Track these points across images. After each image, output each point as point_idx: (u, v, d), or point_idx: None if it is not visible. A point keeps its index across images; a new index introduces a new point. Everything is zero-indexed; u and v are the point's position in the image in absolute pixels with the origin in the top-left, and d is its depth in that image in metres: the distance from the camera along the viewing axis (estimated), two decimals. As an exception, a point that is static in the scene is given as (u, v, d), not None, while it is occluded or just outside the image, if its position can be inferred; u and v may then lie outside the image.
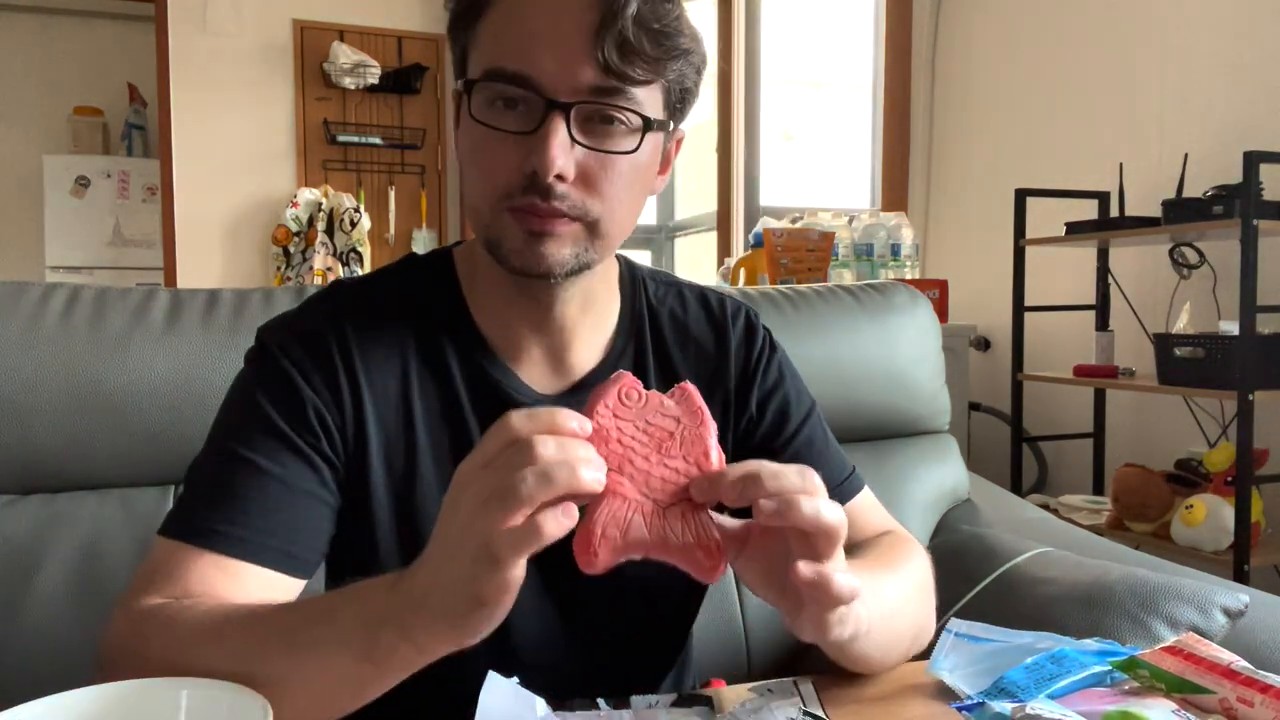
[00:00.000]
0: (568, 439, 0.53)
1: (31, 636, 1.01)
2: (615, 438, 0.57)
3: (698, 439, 0.58)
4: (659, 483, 0.56)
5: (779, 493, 0.55)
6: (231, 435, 0.73)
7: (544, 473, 0.51)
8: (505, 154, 0.69)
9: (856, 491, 0.88)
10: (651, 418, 0.58)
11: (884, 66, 3.62)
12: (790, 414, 0.87)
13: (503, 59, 0.68)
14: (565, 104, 0.67)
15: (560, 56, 0.67)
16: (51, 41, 5.25)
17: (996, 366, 3.10)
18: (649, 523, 0.55)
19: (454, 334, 0.79)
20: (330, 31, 4.20)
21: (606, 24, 0.66)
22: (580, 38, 0.66)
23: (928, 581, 0.80)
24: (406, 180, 4.35)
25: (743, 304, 0.90)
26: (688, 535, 0.56)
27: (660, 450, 0.57)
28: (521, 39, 0.68)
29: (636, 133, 0.70)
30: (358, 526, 0.76)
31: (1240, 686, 0.62)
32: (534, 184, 0.68)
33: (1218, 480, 2.21)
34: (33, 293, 1.08)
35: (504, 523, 0.51)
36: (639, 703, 0.68)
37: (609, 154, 0.69)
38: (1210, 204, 2.16)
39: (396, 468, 0.76)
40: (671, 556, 0.56)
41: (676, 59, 0.70)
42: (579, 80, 0.67)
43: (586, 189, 0.69)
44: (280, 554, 0.70)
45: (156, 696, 0.51)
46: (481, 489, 0.52)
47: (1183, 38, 2.57)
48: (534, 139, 0.67)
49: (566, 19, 0.67)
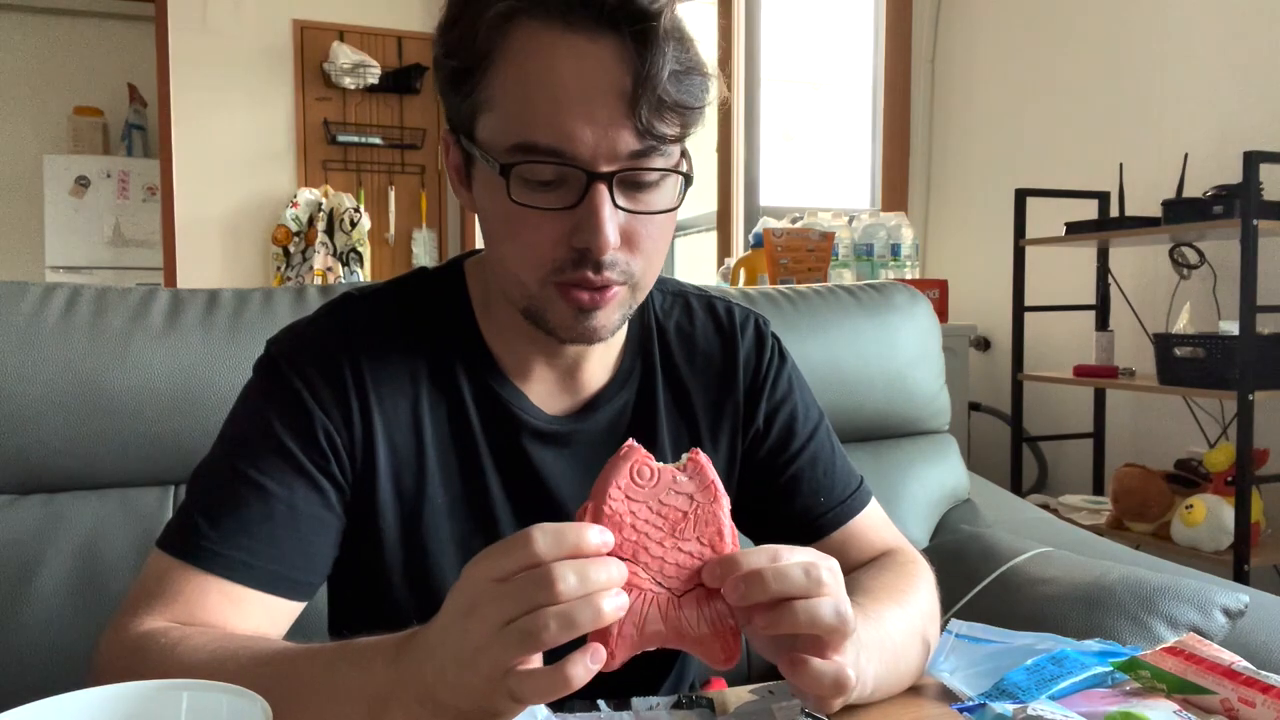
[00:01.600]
0: (590, 566, 0.51)
1: (31, 636, 1.01)
2: (629, 523, 0.56)
3: (711, 518, 0.57)
4: (673, 569, 0.56)
5: (780, 595, 0.55)
6: (239, 453, 0.72)
7: (567, 616, 0.49)
8: (548, 230, 0.66)
9: (862, 507, 0.86)
10: (664, 497, 0.57)
11: (884, 66, 3.62)
12: (797, 430, 0.86)
13: (534, 133, 0.64)
14: (607, 174, 0.65)
15: (597, 126, 0.64)
16: (51, 41, 5.25)
17: (996, 366, 3.10)
18: (665, 614, 0.55)
19: (465, 355, 0.78)
20: (330, 31, 4.20)
21: (641, 87, 0.63)
22: (615, 103, 0.64)
23: (934, 608, 0.80)
24: (406, 180, 4.35)
25: (751, 312, 0.89)
26: (703, 626, 0.55)
27: (674, 534, 0.56)
28: (550, 110, 0.64)
29: (672, 186, 0.69)
30: (363, 545, 0.76)
31: (1242, 687, 0.62)
32: (584, 258, 0.66)
33: (1218, 480, 2.21)
34: (33, 293, 1.08)
35: (522, 661, 0.50)
36: (640, 704, 0.68)
37: (652, 214, 0.68)
38: (1210, 204, 2.16)
39: (405, 488, 0.75)
40: (687, 646, 0.56)
41: (703, 108, 0.68)
42: (618, 148, 0.64)
43: (630, 250, 0.68)
44: (282, 579, 0.70)
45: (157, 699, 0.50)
46: (498, 612, 0.50)
47: (1183, 38, 2.57)
48: (579, 213, 0.65)
49: (597, 83, 0.64)
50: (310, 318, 0.78)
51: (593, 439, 0.80)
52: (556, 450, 0.79)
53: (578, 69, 0.63)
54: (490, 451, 0.77)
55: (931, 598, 0.80)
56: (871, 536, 0.86)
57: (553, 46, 0.64)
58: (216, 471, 0.73)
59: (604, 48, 0.64)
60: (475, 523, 0.77)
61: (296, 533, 0.70)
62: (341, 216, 4.13)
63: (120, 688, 0.51)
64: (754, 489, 0.85)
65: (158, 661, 0.62)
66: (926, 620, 0.76)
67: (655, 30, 0.63)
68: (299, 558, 0.71)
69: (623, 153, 0.65)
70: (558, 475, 0.79)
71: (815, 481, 0.84)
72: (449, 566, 0.76)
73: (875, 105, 3.73)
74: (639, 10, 0.63)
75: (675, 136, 0.67)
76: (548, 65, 0.64)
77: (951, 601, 1.10)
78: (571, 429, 0.79)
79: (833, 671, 0.57)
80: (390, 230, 4.32)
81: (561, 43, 0.64)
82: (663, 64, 0.63)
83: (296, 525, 0.70)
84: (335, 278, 4.08)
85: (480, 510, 0.77)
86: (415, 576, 0.76)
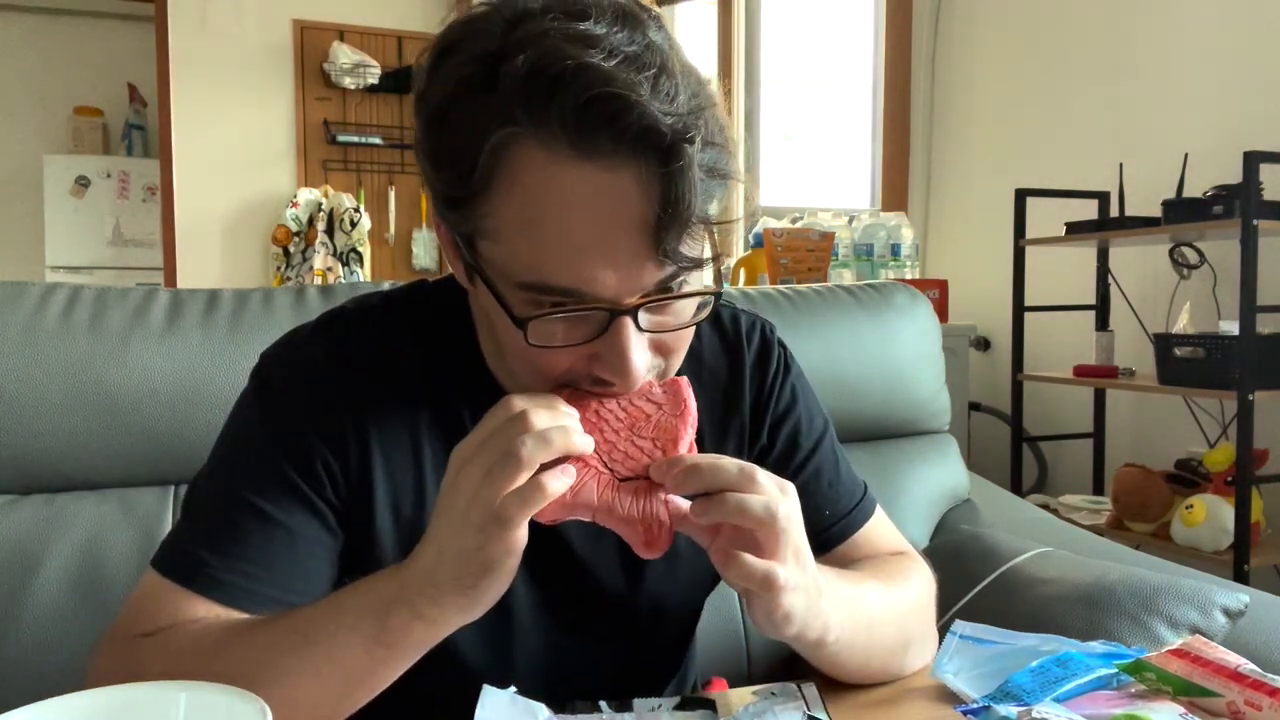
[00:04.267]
0: (559, 410, 0.58)
1: (31, 636, 1.00)
2: (594, 407, 0.61)
3: (671, 427, 0.61)
4: (622, 457, 0.60)
5: (713, 487, 0.58)
6: (235, 475, 0.71)
7: (541, 435, 0.55)
8: (567, 357, 0.61)
9: (867, 518, 0.85)
10: (635, 399, 0.62)
11: (884, 66, 3.62)
12: (801, 441, 0.84)
13: (548, 275, 0.57)
14: (632, 309, 0.59)
15: (619, 266, 0.57)
16: (51, 41, 5.24)
17: (996, 366, 3.10)
18: (600, 491, 0.58)
19: (465, 380, 0.74)
20: (330, 31, 4.20)
21: (668, 219, 0.55)
22: (638, 239, 0.56)
23: (925, 602, 0.80)
24: (406, 180, 4.34)
25: (758, 320, 0.86)
26: (633, 510, 0.58)
27: (632, 429, 0.60)
28: (567, 252, 0.57)
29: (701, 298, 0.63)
30: (357, 572, 0.74)
31: (1248, 690, 0.61)
32: (606, 384, 0.62)
33: (1218, 480, 2.20)
34: (33, 293, 1.08)
35: (509, 485, 0.54)
36: (642, 706, 0.68)
37: (679, 330, 0.64)
38: (1210, 204, 2.16)
39: (404, 517, 0.73)
40: (614, 525, 0.59)
41: (727, 209, 0.62)
42: (643, 282, 0.58)
43: (659, 354, 0.64)
44: (280, 604, 0.68)
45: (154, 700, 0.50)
46: (484, 460, 0.55)
47: (1183, 37, 2.57)
48: (602, 344, 0.60)
49: (617, 218, 0.56)
50: (305, 336, 0.75)
51: None
52: None
53: (593, 206, 0.56)
54: None
55: (921, 593, 0.80)
56: (878, 547, 0.85)
57: (561, 178, 0.56)
58: (213, 494, 0.71)
59: (621, 178, 0.55)
60: None
61: (295, 556, 0.69)
62: (341, 216, 4.12)
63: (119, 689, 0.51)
64: None
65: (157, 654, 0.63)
66: (911, 610, 0.76)
67: (684, 152, 0.54)
68: (298, 581, 0.69)
69: (648, 285, 0.59)
70: None
71: (820, 495, 0.83)
72: None
73: (875, 105, 3.72)
74: (665, 141, 0.54)
75: (703, 256, 0.60)
76: (558, 202, 0.56)
77: (951, 601, 1.10)
78: None
79: (763, 569, 0.58)
80: (390, 230, 4.32)
81: (572, 174, 0.55)
82: (693, 190, 0.55)
83: (295, 549, 0.69)
84: (335, 278, 4.08)
85: None
86: None
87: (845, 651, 0.68)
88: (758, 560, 0.58)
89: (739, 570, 0.58)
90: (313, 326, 0.76)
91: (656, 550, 0.59)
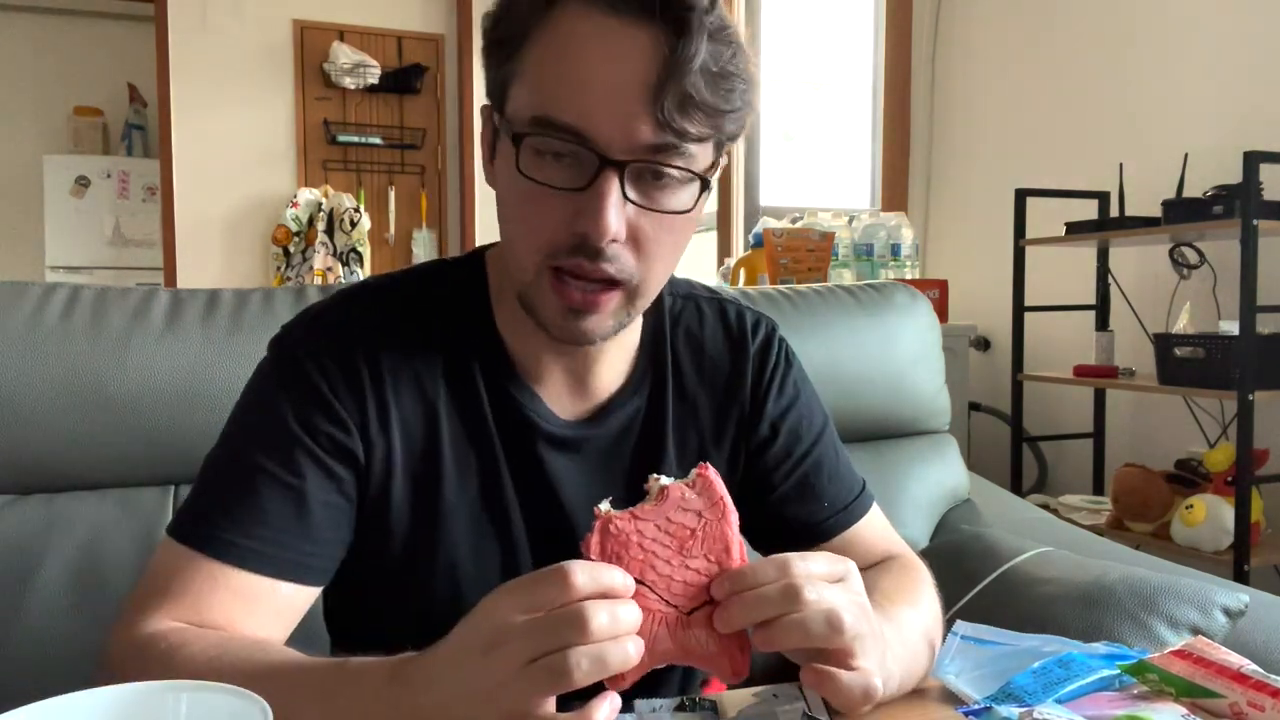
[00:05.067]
0: (620, 607, 0.51)
1: (31, 636, 1.00)
2: (636, 542, 0.56)
3: (719, 535, 0.57)
4: (681, 587, 0.56)
5: (764, 617, 0.55)
6: (251, 440, 0.72)
7: (598, 656, 0.50)
8: (552, 209, 0.65)
9: (864, 513, 0.86)
10: (673, 514, 0.57)
11: (884, 66, 3.62)
12: (801, 436, 0.86)
13: (554, 108, 0.63)
14: (620, 162, 0.63)
15: (617, 112, 0.62)
16: (51, 41, 5.24)
17: (996, 366, 3.10)
18: (673, 633, 0.55)
19: (481, 353, 0.77)
20: (330, 31, 4.19)
21: (668, 78, 0.62)
22: (639, 92, 0.62)
23: (937, 611, 0.80)
24: (406, 180, 4.34)
25: (762, 317, 0.88)
26: (711, 644, 0.55)
27: (682, 551, 0.56)
28: (575, 88, 0.63)
29: (690, 188, 0.67)
30: (371, 537, 0.75)
31: (1251, 691, 0.61)
32: (583, 245, 0.65)
33: (1218, 480, 2.20)
34: (33, 293, 1.08)
35: (549, 696, 0.50)
36: (642, 707, 0.68)
37: (662, 213, 0.66)
38: (1210, 204, 2.16)
39: (420, 486, 0.75)
40: (696, 663, 0.56)
41: (736, 113, 0.66)
42: (636, 138, 0.63)
43: (635, 249, 0.67)
44: (297, 565, 0.69)
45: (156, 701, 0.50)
46: (527, 647, 0.50)
47: (1183, 38, 2.57)
48: (585, 197, 0.64)
49: (625, 69, 0.62)
50: (327, 305, 0.78)
51: (603, 445, 0.80)
52: (568, 456, 0.79)
53: (610, 53, 0.62)
54: (506, 457, 0.77)
55: (934, 602, 0.80)
56: (873, 543, 0.86)
57: (591, 29, 0.63)
58: (229, 460, 0.72)
59: (641, 36, 0.62)
60: (489, 526, 0.77)
61: (310, 519, 0.70)
62: (341, 216, 4.12)
63: (120, 689, 0.51)
64: (756, 495, 0.85)
65: (158, 670, 0.62)
66: (930, 623, 0.76)
67: (691, 22, 0.62)
68: (313, 544, 0.70)
69: (640, 144, 0.63)
70: (568, 482, 0.79)
71: (818, 488, 0.84)
72: (459, 568, 0.76)
73: (875, 105, 3.73)
74: (682, 11, 0.62)
75: (699, 137, 0.64)
76: (581, 45, 0.63)
77: (952, 601, 1.10)
78: (584, 435, 0.79)
79: (861, 683, 0.57)
80: (390, 230, 4.32)
81: (601, 26, 0.63)
82: (693, 58, 0.62)
83: (310, 512, 0.70)
84: (335, 278, 4.08)
85: (495, 514, 0.77)
86: (422, 575, 0.76)
87: (895, 693, 0.66)
88: (854, 677, 0.57)
89: (835, 692, 0.57)
90: (332, 298, 0.78)
91: (743, 674, 0.56)
